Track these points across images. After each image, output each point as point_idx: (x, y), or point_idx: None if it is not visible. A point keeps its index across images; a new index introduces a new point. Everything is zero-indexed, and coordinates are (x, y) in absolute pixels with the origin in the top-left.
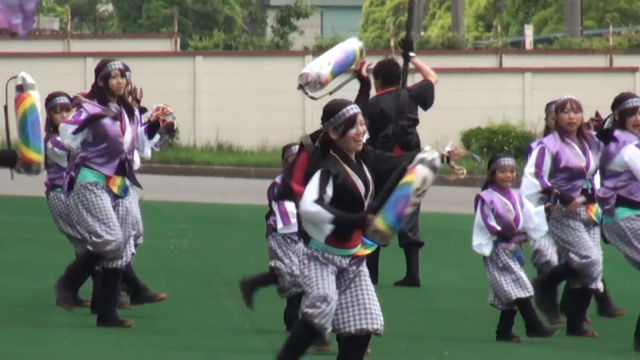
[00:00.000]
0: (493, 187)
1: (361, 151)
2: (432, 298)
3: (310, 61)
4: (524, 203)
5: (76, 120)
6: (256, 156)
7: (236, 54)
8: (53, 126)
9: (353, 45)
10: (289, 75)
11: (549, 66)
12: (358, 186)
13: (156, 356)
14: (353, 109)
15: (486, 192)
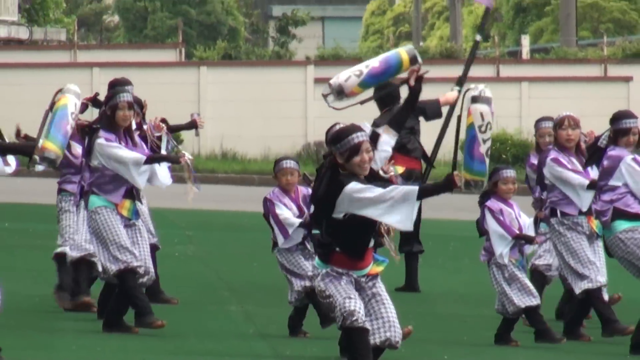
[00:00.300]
0: (495, 198)
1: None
2: (432, 303)
3: (311, 71)
4: (521, 214)
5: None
6: (260, 164)
7: (240, 64)
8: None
9: (400, 53)
10: (292, 84)
11: (546, 75)
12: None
13: None
14: (359, 137)
15: (491, 202)
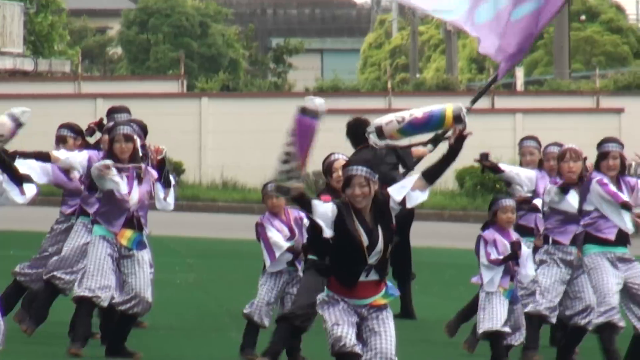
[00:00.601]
0: (494, 228)
1: (375, 203)
2: (428, 330)
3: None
4: (522, 247)
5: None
6: (259, 193)
7: (240, 95)
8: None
9: (445, 109)
10: (291, 115)
11: (539, 107)
12: (361, 237)
13: None
14: (354, 171)
15: (488, 232)
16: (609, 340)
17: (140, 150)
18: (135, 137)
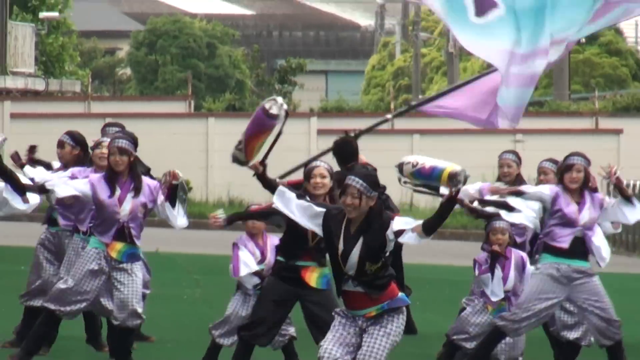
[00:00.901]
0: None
1: (368, 218)
2: (428, 345)
3: (315, 122)
4: (526, 265)
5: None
6: None
7: (246, 115)
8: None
9: (446, 168)
10: (296, 135)
11: (540, 128)
12: (338, 244)
13: None
14: (350, 180)
15: (481, 255)
16: (493, 343)
17: (137, 163)
18: (130, 151)
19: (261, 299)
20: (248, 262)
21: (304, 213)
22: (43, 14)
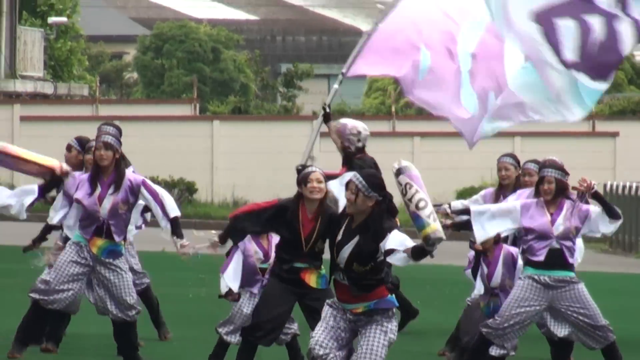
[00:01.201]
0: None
1: (368, 221)
2: (430, 343)
3: (316, 125)
4: (517, 261)
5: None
6: None
7: (250, 118)
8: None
9: (427, 224)
10: (299, 137)
11: (537, 130)
12: (337, 236)
13: None
14: (352, 176)
15: (472, 252)
16: (482, 351)
17: (122, 160)
18: (116, 147)
19: (263, 300)
20: (234, 274)
21: None
22: (52, 19)
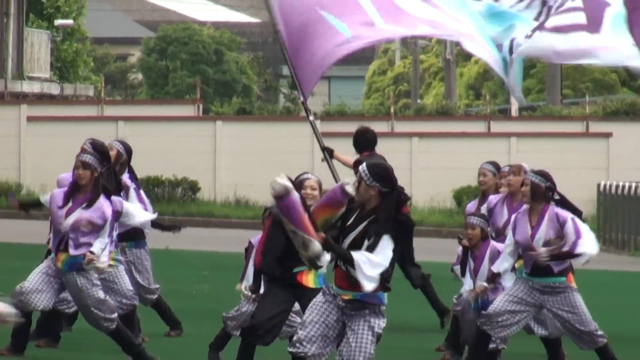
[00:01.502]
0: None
1: (378, 207)
2: (429, 339)
3: (318, 125)
4: (485, 259)
5: None
6: None
7: (252, 119)
8: None
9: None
10: (300, 138)
11: (533, 131)
12: (348, 220)
13: None
14: (360, 168)
15: (459, 248)
16: (483, 345)
17: (101, 178)
18: (95, 167)
19: (262, 302)
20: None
21: None
22: (58, 22)
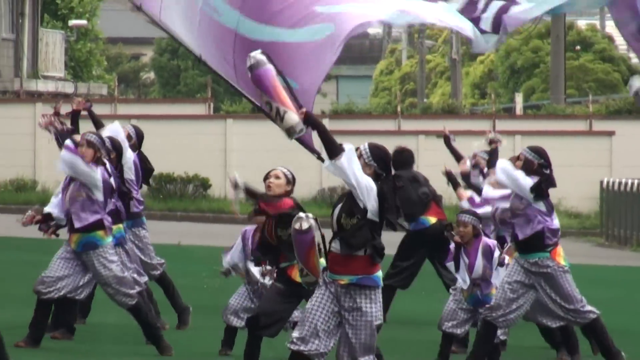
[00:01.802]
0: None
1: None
2: (433, 332)
3: (326, 123)
4: (494, 252)
5: None
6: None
7: (262, 117)
8: None
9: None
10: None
11: (537, 129)
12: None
13: None
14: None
15: (451, 244)
16: (489, 338)
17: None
18: (98, 146)
19: (267, 295)
20: (233, 256)
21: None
22: (72, 22)
